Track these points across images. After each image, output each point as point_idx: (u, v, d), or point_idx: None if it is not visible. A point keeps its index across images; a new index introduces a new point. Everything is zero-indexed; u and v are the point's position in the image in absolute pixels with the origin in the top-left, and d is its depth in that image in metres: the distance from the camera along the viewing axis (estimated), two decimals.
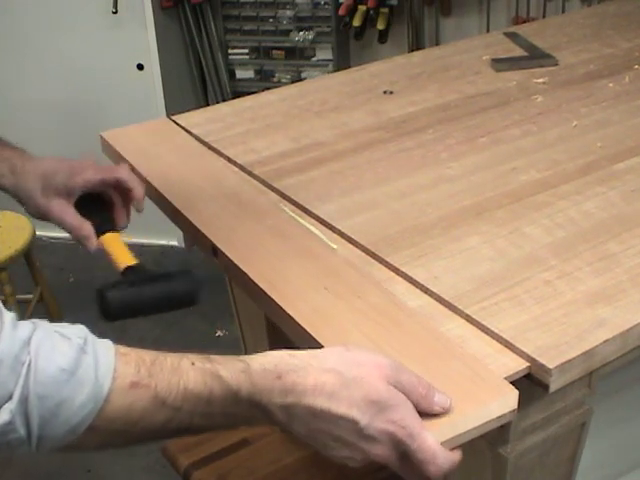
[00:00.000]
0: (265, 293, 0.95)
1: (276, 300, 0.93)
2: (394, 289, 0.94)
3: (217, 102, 3.06)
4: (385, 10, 2.89)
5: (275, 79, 3.13)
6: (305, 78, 3.04)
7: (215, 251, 1.06)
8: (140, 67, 2.92)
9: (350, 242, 1.04)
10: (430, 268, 0.96)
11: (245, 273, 0.99)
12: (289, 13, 3.03)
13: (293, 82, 2.68)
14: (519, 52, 1.68)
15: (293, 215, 1.11)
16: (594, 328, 0.84)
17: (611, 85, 1.48)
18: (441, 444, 0.70)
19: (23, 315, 2.48)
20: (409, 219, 1.08)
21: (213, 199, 1.17)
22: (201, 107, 1.58)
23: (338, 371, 0.70)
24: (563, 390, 0.83)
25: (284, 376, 0.70)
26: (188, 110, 1.49)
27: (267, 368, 0.71)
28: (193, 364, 0.70)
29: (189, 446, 1.29)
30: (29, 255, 2.54)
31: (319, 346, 0.85)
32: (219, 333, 2.65)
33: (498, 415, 0.75)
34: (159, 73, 2.90)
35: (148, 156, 1.31)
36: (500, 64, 1.60)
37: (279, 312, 0.92)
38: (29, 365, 0.64)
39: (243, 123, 1.42)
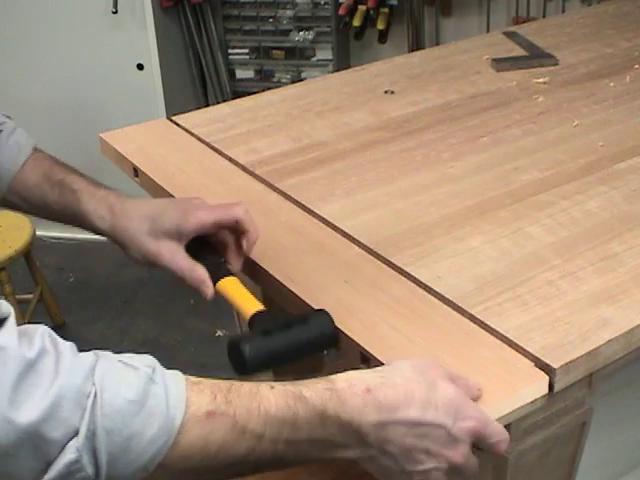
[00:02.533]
0: (287, 288, 0.94)
1: (299, 295, 0.92)
2: None
3: (217, 102, 3.06)
4: (385, 10, 2.89)
5: (275, 79, 3.13)
6: (305, 78, 3.04)
7: None
8: (140, 67, 2.92)
9: (353, 242, 1.04)
10: (433, 268, 0.96)
11: (264, 269, 0.99)
12: (289, 13, 3.02)
13: (293, 82, 2.68)
14: (519, 52, 1.68)
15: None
16: (597, 328, 0.84)
17: (612, 85, 1.48)
18: None
19: (23, 315, 2.48)
20: (412, 219, 1.08)
21: (222, 197, 1.16)
22: (201, 107, 1.58)
23: (417, 379, 0.70)
24: (564, 390, 0.83)
25: (374, 390, 0.68)
26: (188, 110, 1.49)
27: (354, 383, 0.69)
28: (272, 387, 0.67)
29: None
30: (29, 255, 2.54)
31: (347, 339, 0.85)
32: (219, 333, 2.64)
33: (531, 400, 0.78)
34: (159, 73, 2.89)
35: (150, 156, 1.31)
36: (500, 64, 1.60)
37: (303, 307, 0.92)
38: (95, 397, 0.60)
39: (244, 123, 1.41)
